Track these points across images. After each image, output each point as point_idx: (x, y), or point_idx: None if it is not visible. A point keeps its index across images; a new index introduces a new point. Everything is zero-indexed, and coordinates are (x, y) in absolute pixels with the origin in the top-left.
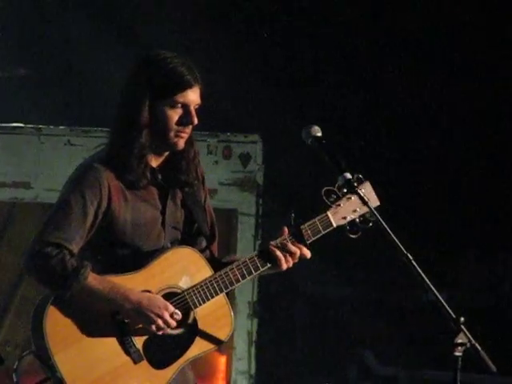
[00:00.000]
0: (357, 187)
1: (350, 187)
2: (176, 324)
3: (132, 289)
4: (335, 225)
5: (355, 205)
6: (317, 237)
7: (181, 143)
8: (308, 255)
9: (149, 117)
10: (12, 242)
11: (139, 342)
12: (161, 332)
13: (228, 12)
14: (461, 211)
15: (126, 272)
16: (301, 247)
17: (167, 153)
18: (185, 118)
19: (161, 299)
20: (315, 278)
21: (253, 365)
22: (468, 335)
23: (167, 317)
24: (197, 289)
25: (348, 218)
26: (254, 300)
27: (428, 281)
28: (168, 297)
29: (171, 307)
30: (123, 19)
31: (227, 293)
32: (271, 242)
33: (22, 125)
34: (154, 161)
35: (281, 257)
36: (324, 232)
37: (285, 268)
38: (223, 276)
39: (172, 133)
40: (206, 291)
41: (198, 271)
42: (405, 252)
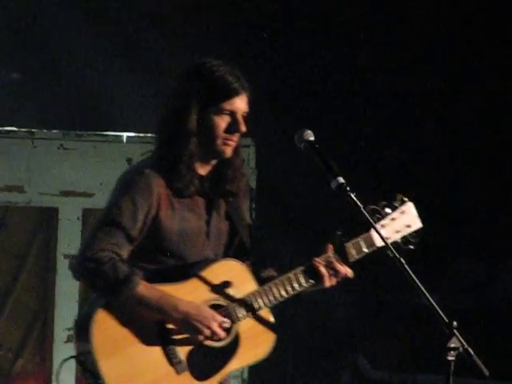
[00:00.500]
0: (398, 207)
1: (391, 209)
2: (224, 334)
3: (180, 298)
4: (378, 244)
5: (399, 226)
6: (360, 256)
7: (228, 151)
8: (351, 274)
9: (197, 125)
10: (5, 246)
11: (182, 353)
12: (207, 342)
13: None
14: (451, 216)
15: (171, 281)
16: (344, 265)
17: (214, 161)
18: (232, 126)
19: (208, 309)
20: None
21: (245, 369)
22: (461, 339)
23: (215, 327)
24: (241, 302)
25: (391, 239)
26: None
27: (421, 285)
28: (213, 308)
29: (219, 317)
30: (118, 25)
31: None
32: (315, 259)
33: (15, 128)
34: (202, 169)
35: (325, 273)
36: (368, 251)
37: (328, 286)
38: (267, 291)
39: (219, 140)
40: (250, 305)
41: (244, 284)
42: (397, 256)
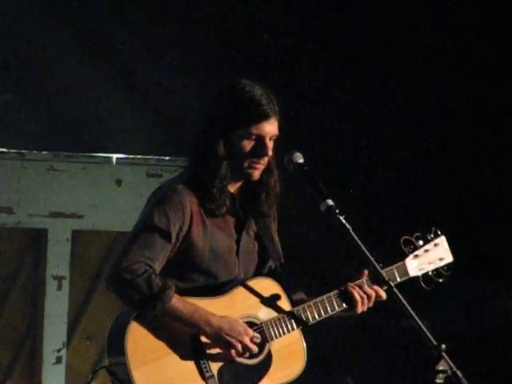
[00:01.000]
0: (432, 240)
1: (425, 241)
2: (257, 349)
3: (213, 313)
4: (411, 274)
5: (431, 258)
6: (393, 284)
7: (255, 174)
8: (384, 297)
9: (226, 147)
10: None
11: (214, 368)
12: (239, 358)
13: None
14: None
15: (203, 296)
16: (377, 289)
17: (242, 181)
18: (259, 150)
19: (241, 323)
20: None
21: None
22: (449, 362)
23: (247, 342)
24: (275, 321)
25: (424, 270)
26: None
27: (409, 308)
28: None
29: (251, 331)
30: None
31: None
32: (349, 283)
33: (5, 150)
34: (232, 187)
35: (358, 298)
36: (400, 280)
37: (360, 311)
38: (301, 312)
39: (246, 164)
40: (284, 325)
41: (278, 304)
42: (386, 279)
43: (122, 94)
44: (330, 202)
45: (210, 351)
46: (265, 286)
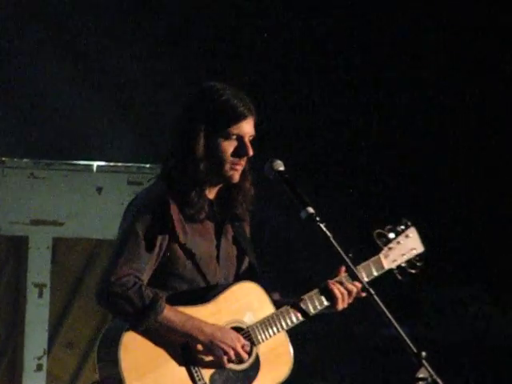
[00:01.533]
0: (403, 231)
1: (396, 233)
2: (247, 356)
3: (205, 321)
4: (386, 267)
5: (404, 249)
6: (370, 279)
7: (236, 176)
8: (362, 295)
9: (204, 150)
10: None
11: (206, 375)
12: (229, 365)
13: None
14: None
15: (188, 304)
16: (358, 285)
17: (221, 185)
18: (240, 150)
19: (233, 331)
20: None
21: None
22: (429, 370)
23: (239, 349)
24: (260, 325)
25: (398, 262)
26: None
27: (390, 315)
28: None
29: (242, 339)
30: (89, 55)
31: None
32: (329, 281)
33: None
34: (210, 192)
35: (338, 295)
36: (376, 274)
37: (340, 308)
38: (284, 313)
39: (227, 165)
40: (269, 328)
41: (262, 307)
42: (367, 286)
43: (103, 102)
44: (311, 210)
45: (202, 359)
46: (248, 290)
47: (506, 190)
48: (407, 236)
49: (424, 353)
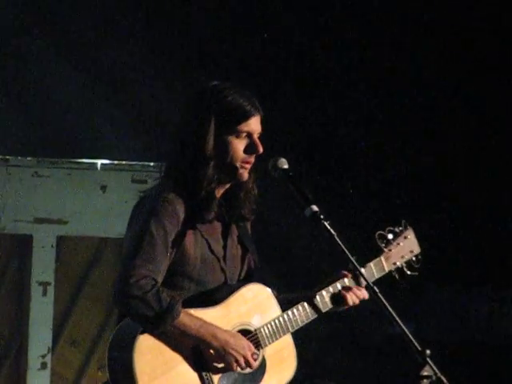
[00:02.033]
0: (402, 233)
1: (396, 234)
2: (256, 365)
3: (218, 327)
4: (387, 270)
5: (403, 251)
6: (371, 281)
7: (245, 174)
8: (367, 296)
9: (214, 149)
10: None
11: (215, 379)
12: (239, 370)
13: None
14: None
15: (196, 305)
16: (360, 288)
17: (229, 184)
18: (251, 147)
19: (245, 339)
20: None
21: None
22: (434, 368)
23: (249, 357)
24: (267, 327)
25: (397, 264)
26: None
27: (394, 313)
28: (241, 334)
29: (253, 347)
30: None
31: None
32: (342, 286)
33: None
34: (218, 192)
35: (350, 302)
36: (377, 276)
37: (351, 305)
38: (290, 315)
39: (238, 163)
40: (276, 330)
41: (269, 309)
42: (371, 285)
43: (107, 100)
44: (315, 208)
45: (212, 363)
46: (256, 293)
47: (506, 189)
48: (406, 237)
49: (428, 351)
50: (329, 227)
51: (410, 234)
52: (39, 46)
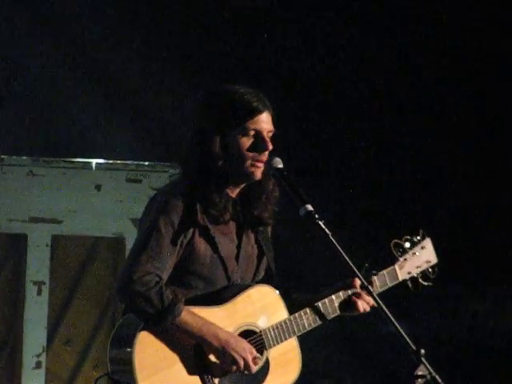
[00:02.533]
0: (419, 242)
1: (413, 244)
2: (255, 370)
3: (220, 327)
4: (401, 279)
5: (419, 261)
6: (383, 289)
7: (258, 173)
8: (374, 305)
9: (222, 148)
10: None
11: (215, 379)
12: (238, 372)
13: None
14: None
15: (203, 304)
16: (369, 297)
17: (244, 184)
18: (259, 145)
19: (247, 342)
20: None
21: None
22: (428, 367)
23: (249, 360)
24: (273, 329)
25: (412, 273)
26: None
27: (388, 312)
28: (246, 334)
29: (255, 351)
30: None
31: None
32: (354, 292)
33: None
34: (233, 192)
35: (357, 301)
36: (390, 285)
37: (361, 311)
38: (297, 319)
39: (248, 161)
40: (281, 333)
41: (276, 312)
42: (366, 284)
43: (102, 100)
44: (310, 207)
45: (213, 363)
46: (264, 294)
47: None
48: (423, 247)
49: (423, 350)
50: (323, 226)
51: (428, 244)
52: (33, 46)
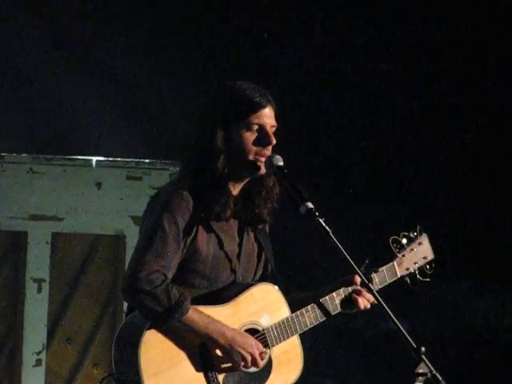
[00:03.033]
0: (416, 238)
1: (410, 240)
2: (263, 364)
3: (226, 324)
4: (399, 275)
5: (416, 257)
6: (382, 286)
7: (261, 167)
8: (374, 302)
9: (224, 142)
10: None
11: (220, 376)
12: (245, 369)
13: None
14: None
15: (205, 302)
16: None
17: (246, 180)
18: (262, 139)
19: (253, 338)
20: None
21: None
22: (429, 365)
23: (257, 356)
24: (276, 328)
25: (410, 269)
26: None
27: (389, 310)
28: (249, 333)
29: (261, 346)
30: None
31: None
32: (354, 289)
33: None
34: (235, 189)
35: (358, 298)
36: (389, 282)
37: (362, 308)
38: (299, 316)
39: (251, 156)
40: (284, 331)
41: (278, 310)
42: (366, 281)
43: (102, 97)
44: (310, 205)
45: (218, 361)
46: (266, 292)
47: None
48: (420, 243)
49: (423, 348)
50: (324, 224)
51: (425, 240)
52: (33, 42)
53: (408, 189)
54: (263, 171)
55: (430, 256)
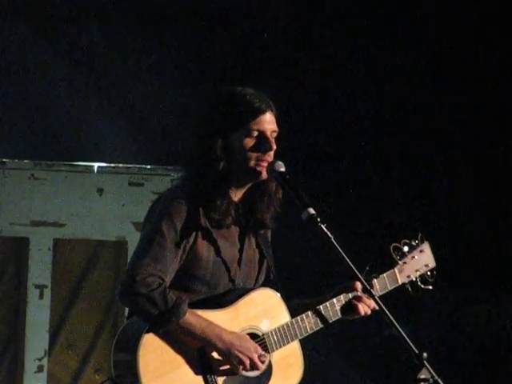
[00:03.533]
0: (418, 246)
1: (411, 247)
2: (263, 367)
3: (224, 328)
4: (400, 282)
5: (418, 264)
6: (383, 292)
7: (264, 172)
8: (375, 308)
9: (223, 149)
10: None
11: (219, 381)
12: (244, 372)
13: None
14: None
15: (207, 307)
16: (370, 299)
17: (248, 186)
18: (262, 145)
19: (251, 341)
20: None
21: None
22: (431, 370)
23: (256, 359)
24: (276, 333)
25: (412, 277)
26: None
27: (391, 316)
28: (249, 337)
29: (260, 349)
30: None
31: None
32: (354, 295)
33: None
34: (236, 195)
35: (358, 305)
36: (390, 288)
37: (362, 314)
38: (299, 322)
39: (251, 162)
40: (283, 336)
41: (278, 315)
42: (368, 287)
43: (104, 103)
44: (312, 211)
45: (217, 365)
46: (266, 297)
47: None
48: (421, 251)
49: (425, 353)
50: (326, 230)
51: (426, 248)
52: (34, 49)
53: (409, 195)
54: (264, 176)
55: (432, 264)
